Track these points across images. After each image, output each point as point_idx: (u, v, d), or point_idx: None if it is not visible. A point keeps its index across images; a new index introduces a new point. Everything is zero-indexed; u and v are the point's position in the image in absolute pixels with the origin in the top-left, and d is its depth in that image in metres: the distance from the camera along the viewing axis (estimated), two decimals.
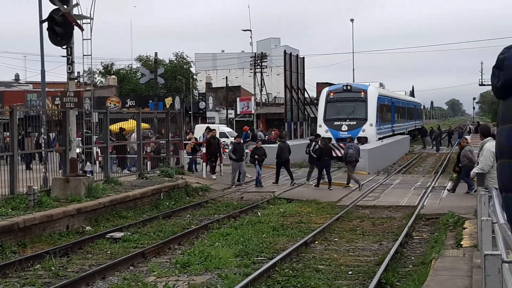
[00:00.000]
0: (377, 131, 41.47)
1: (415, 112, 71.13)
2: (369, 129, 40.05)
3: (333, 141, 34.74)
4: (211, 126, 38.16)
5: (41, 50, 23.29)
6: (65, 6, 17.81)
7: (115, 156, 25.47)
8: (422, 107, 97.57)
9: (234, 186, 25.54)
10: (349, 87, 41.71)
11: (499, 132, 2.95)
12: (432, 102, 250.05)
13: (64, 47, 18.38)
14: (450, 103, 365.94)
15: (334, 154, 27.80)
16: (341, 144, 34.69)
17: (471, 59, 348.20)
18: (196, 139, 30.65)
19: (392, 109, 50.77)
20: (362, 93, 41.06)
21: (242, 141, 28.20)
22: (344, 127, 39.74)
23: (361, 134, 39.29)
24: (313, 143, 26.60)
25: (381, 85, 53.19)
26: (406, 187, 25.38)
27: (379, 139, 41.45)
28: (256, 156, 26.21)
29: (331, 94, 41.67)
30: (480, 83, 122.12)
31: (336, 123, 40.12)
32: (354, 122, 39.96)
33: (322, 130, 39.02)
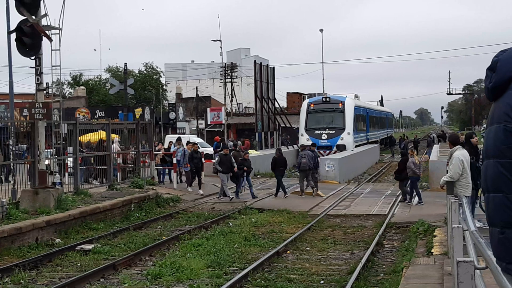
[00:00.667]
0: (354, 139, 44.76)
1: (386, 121, 74.23)
2: (347, 137, 43.39)
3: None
4: (182, 136, 38.03)
5: (9, 61, 23.02)
6: (34, 17, 17.61)
7: (85, 167, 25.21)
8: (393, 116, 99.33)
9: (230, 198, 24.49)
10: (328, 99, 45.71)
11: (487, 133, 3.04)
12: (401, 111, 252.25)
13: (33, 58, 18.17)
14: (418, 112, 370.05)
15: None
16: (321, 152, 39.02)
17: (439, 69, 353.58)
18: (168, 149, 30.38)
19: (367, 119, 54.18)
20: (340, 104, 44.74)
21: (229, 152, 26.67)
22: (324, 136, 43.14)
23: (339, 142, 42.67)
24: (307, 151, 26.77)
25: (356, 96, 57.50)
26: (377, 196, 25.56)
27: (356, 146, 44.37)
28: (244, 168, 25.27)
29: (312, 105, 45.40)
30: (448, 92, 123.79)
31: (316, 132, 43.49)
32: (333, 131, 43.42)
33: (304, 138, 42.59)
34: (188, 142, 29.77)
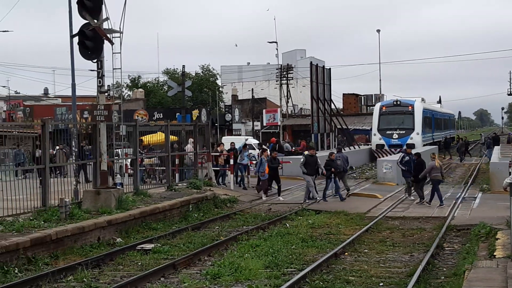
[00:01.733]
0: (422, 138, 48.82)
1: (449, 122, 77.78)
2: (416, 137, 47.65)
3: (386, 147, 46.78)
4: (238, 138, 38.30)
5: (71, 64, 23.56)
6: (96, 21, 17.99)
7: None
8: (454, 117, 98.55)
9: (317, 200, 24.28)
10: (398, 102, 50.39)
11: None
12: (460, 112, 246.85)
13: (95, 61, 18.56)
14: (478, 113, 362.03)
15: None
16: (392, 150, 44.86)
17: (499, 69, 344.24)
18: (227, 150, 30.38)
19: (432, 121, 57.78)
20: (410, 107, 49.35)
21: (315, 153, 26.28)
22: (395, 136, 47.77)
23: (409, 141, 46.59)
24: (402, 155, 26.60)
25: (422, 99, 61.06)
26: (436, 198, 25.15)
27: (423, 145, 47.89)
28: (332, 169, 24.96)
29: (384, 108, 50.30)
30: (509, 92, 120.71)
31: (388, 132, 48.24)
32: (403, 131, 47.96)
33: (376, 138, 48.75)
34: (263, 150, 29.69)
